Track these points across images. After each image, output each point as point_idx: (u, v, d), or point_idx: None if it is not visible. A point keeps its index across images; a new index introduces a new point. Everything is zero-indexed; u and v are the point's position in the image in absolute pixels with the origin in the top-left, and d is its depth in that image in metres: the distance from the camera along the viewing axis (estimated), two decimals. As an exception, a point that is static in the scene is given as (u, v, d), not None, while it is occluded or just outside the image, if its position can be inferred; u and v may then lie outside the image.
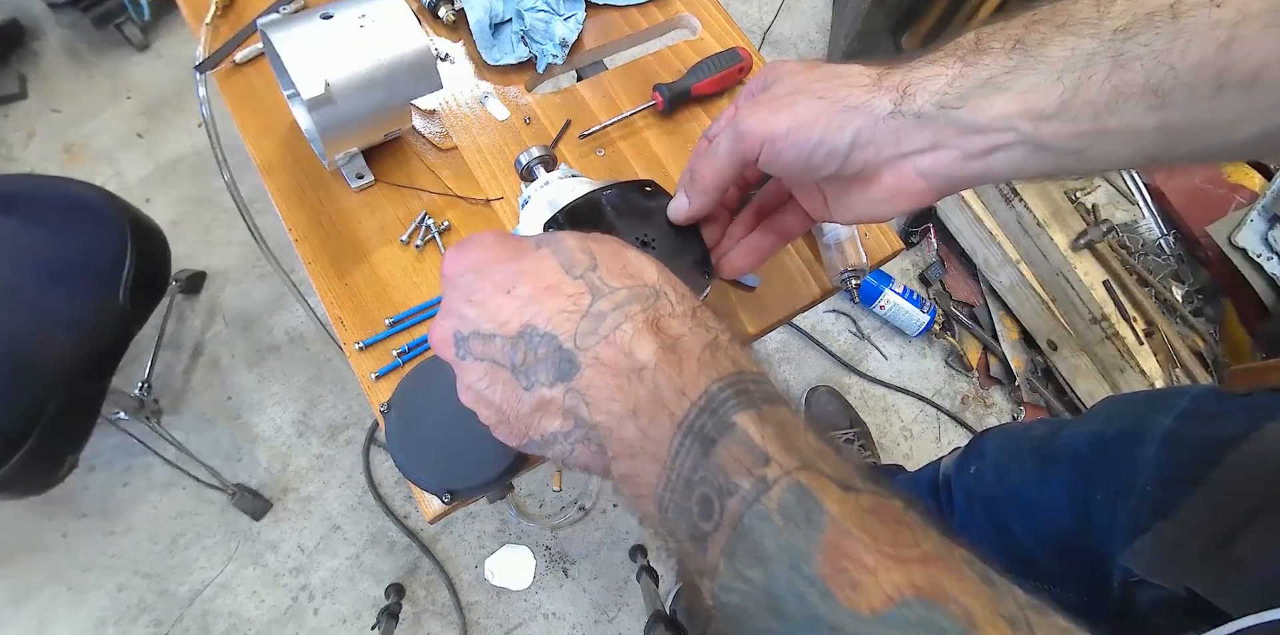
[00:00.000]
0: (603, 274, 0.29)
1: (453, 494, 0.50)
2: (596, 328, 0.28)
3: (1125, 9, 0.29)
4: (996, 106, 0.32)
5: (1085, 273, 1.36)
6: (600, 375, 0.28)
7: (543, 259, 0.30)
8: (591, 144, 0.67)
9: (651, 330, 0.28)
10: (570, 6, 0.71)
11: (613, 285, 0.29)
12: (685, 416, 0.26)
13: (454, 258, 0.32)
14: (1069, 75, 0.30)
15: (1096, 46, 0.30)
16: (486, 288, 0.30)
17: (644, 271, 0.30)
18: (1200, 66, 0.28)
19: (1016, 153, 0.32)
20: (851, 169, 0.36)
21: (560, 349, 0.28)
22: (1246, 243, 1.45)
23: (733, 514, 0.24)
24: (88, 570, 1.24)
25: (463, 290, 0.31)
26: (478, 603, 1.26)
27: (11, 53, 1.59)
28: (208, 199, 1.50)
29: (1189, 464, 0.52)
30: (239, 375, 1.38)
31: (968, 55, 0.33)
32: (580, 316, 0.28)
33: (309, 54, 0.51)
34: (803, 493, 0.23)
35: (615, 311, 0.28)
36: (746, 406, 0.26)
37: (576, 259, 0.30)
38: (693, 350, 0.27)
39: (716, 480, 0.25)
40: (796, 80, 0.38)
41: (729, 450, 0.25)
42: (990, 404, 1.49)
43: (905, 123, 0.34)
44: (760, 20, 1.76)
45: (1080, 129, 0.31)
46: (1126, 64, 0.29)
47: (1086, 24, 0.30)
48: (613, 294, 0.28)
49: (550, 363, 0.29)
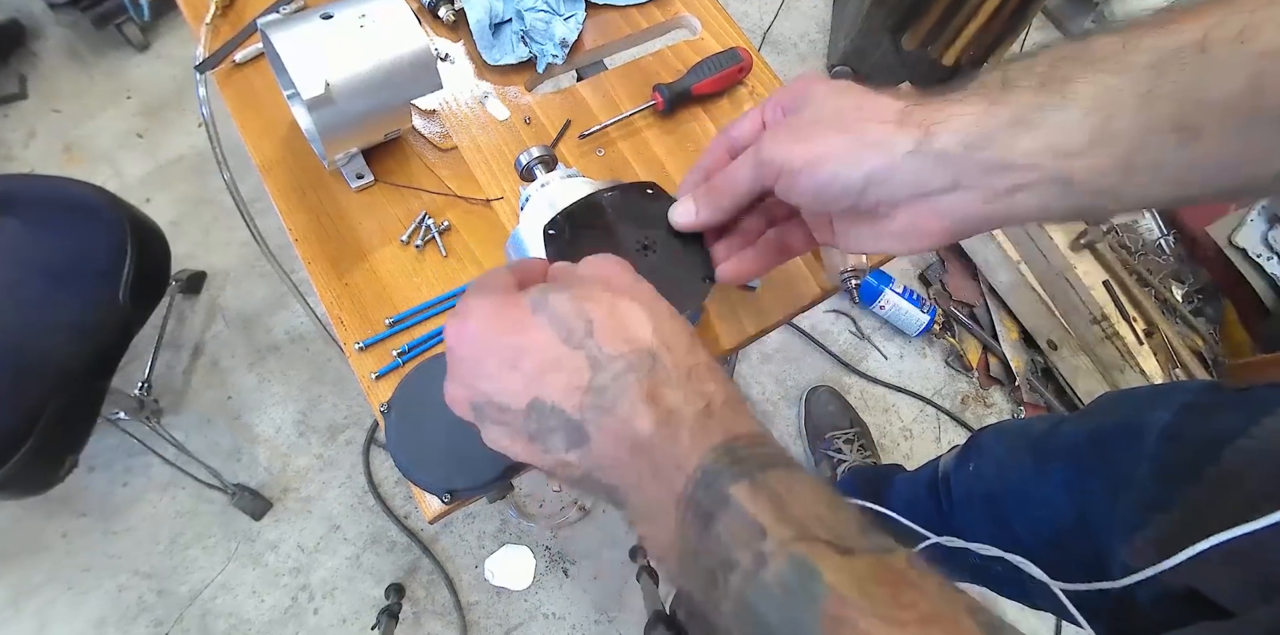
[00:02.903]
0: (599, 340, 0.30)
1: (453, 494, 0.50)
2: (600, 401, 0.29)
3: (1152, 45, 0.29)
4: (1023, 145, 0.31)
5: (1085, 273, 1.36)
6: (608, 446, 0.29)
7: (540, 330, 0.30)
8: (591, 144, 0.67)
9: (648, 402, 0.28)
10: (570, 6, 0.71)
11: (610, 353, 0.29)
12: (684, 491, 0.27)
13: (456, 330, 0.32)
14: (1097, 113, 0.30)
15: (1124, 83, 0.29)
16: (492, 363, 0.31)
17: (639, 333, 0.30)
18: (1229, 101, 0.27)
19: (1043, 191, 0.32)
20: (866, 206, 0.35)
21: (570, 422, 0.29)
22: (1246, 243, 1.45)
23: (736, 589, 0.25)
24: (88, 570, 1.24)
25: (469, 364, 0.32)
26: (478, 603, 1.26)
27: (11, 53, 1.59)
28: (208, 199, 1.50)
29: (1187, 459, 0.52)
30: (239, 375, 1.38)
31: (994, 93, 0.32)
32: (583, 392, 0.29)
33: (309, 54, 0.51)
34: (800, 564, 0.24)
35: (614, 383, 0.29)
36: (739, 477, 0.26)
37: (572, 326, 0.30)
38: (687, 419, 0.28)
39: (719, 554, 0.26)
40: (824, 108, 0.37)
41: (726, 525, 0.26)
42: (990, 404, 1.49)
43: (926, 162, 0.33)
44: (760, 20, 1.76)
45: (1108, 166, 0.30)
46: (1155, 100, 0.29)
47: (1113, 60, 0.30)
48: (610, 364, 0.29)
49: (563, 433, 0.30)
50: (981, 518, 0.76)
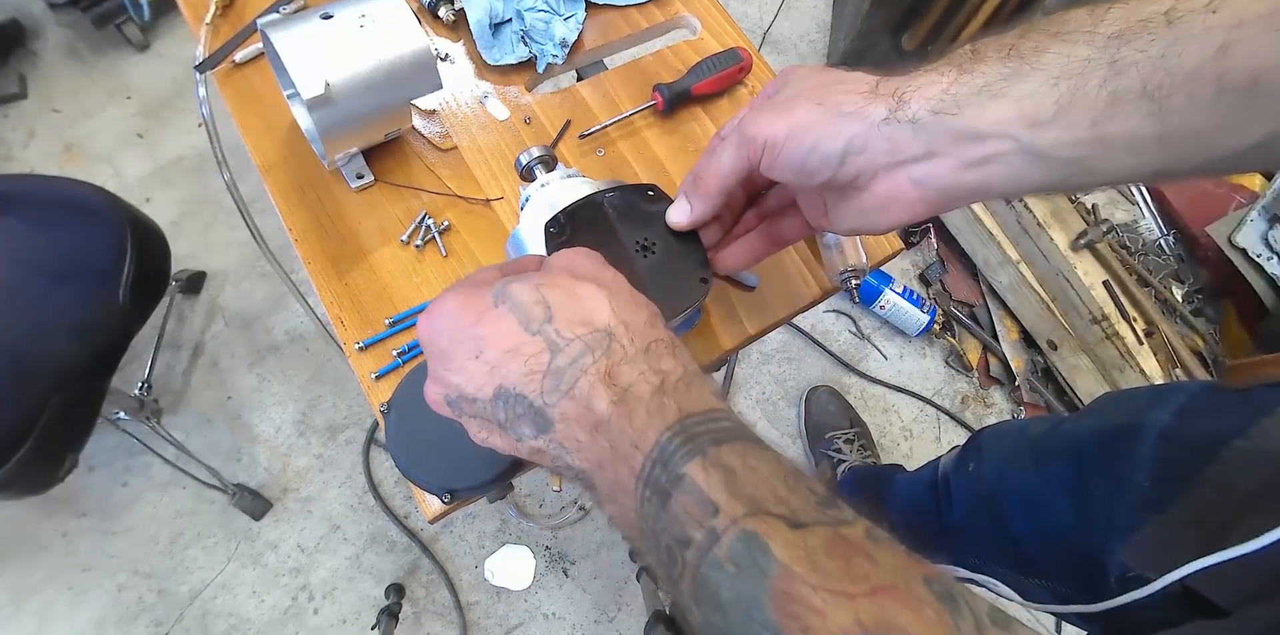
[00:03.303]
0: (558, 325, 0.30)
1: (453, 494, 0.50)
2: (558, 385, 0.29)
3: (1120, 16, 0.29)
4: (992, 113, 0.32)
5: (1085, 273, 1.36)
6: (570, 429, 0.30)
7: (501, 319, 0.31)
8: (591, 144, 0.67)
9: (604, 382, 0.29)
10: (570, 6, 0.71)
11: (567, 337, 0.30)
12: (641, 469, 0.27)
13: (425, 325, 0.33)
14: (1065, 81, 0.30)
15: (1092, 53, 0.30)
16: (459, 356, 0.32)
17: (596, 314, 0.31)
18: (1198, 71, 0.27)
19: (1014, 162, 0.32)
20: (845, 176, 0.36)
21: (533, 407, 0.30)
22: (1246, 243, 1.45)
23: (691, 564, 0.25)
24: (88, 570, 1.24)
25: (439, 358, 0.33)
26: (478, 603, 1.26)
27: (11, 53, 1.59)
28: (208, 199, 1.50)
29: (1186, 459, 0.52)
30: (239, 375, 1.38)
31: (964, 63, 0.33)
32: (542, 376, 0.30)
33: (309, 54, 0.51)
34: (750, 540, 0.24)
35: (572, 366, 0.29)
36: (693, 454, 0.27)
37: (532, 314, 0.31)
38: (642, 398, 0.29)
39: (674, 531, 0.26)
40: (801, 85, 0.38)
41: (681, 503, 0.26)
42: (990, 404, 1.49)
43: (900, 129, 0.34)
44: (760, 20, 1.76)
45: (1078, 136, 0.30)
46: (1123, 70, 0.29)
47: (1081, 31, 0.30)
48: (568, 347, 0.30)
49: (528, 419, 0.30)
50: (981, 518, 0.76)
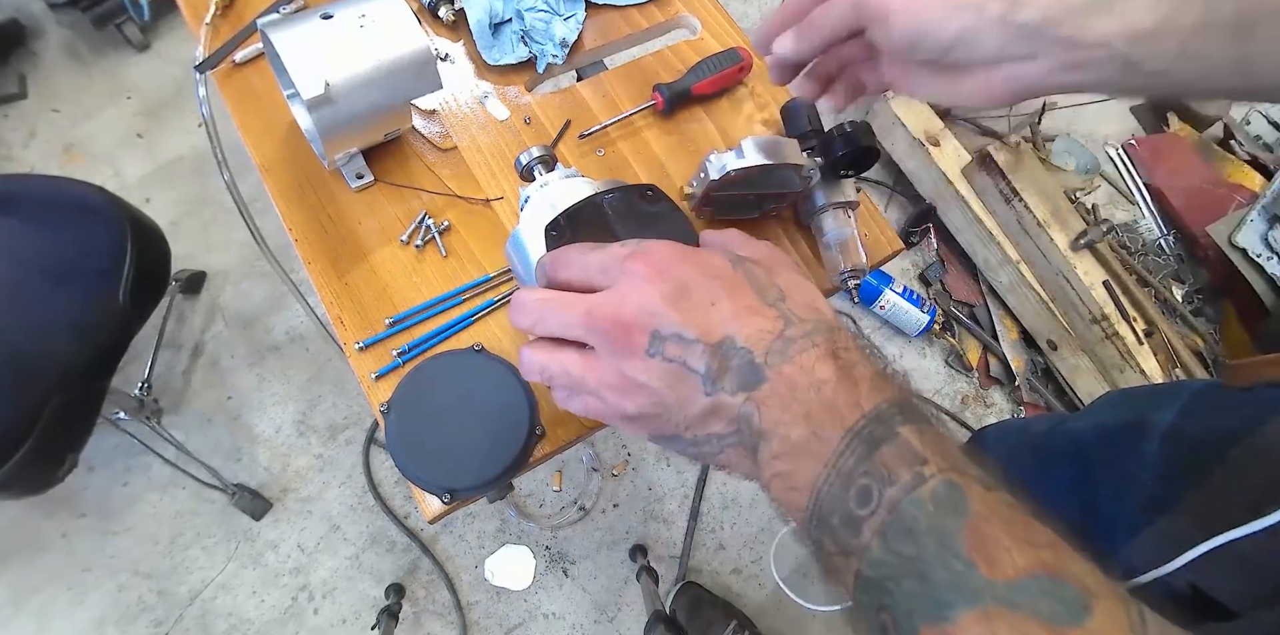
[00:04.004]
0: (791, 306, 0.34)
1: (453, 494, 0.50)
2: (786, 349, 0.32)
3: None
4: (1098, 25, 0.34)
5: (1085, 273, 1.36)
6: (780, 388, 0.32)
7: (741, 284, 0.34)
8: (591, 144, 0.67)
9: (831, 357, 0.32)
10: (570, 6, 0.71)
11: (801, 317, 0.33)
12: (855, 424, 0.30)
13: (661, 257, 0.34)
14: (1167, 3, 0.33)
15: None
16: (699, 297, 0.33)
17: (823, 309, 0.35)
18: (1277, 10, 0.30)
19: (1105, 69, 0.35)
20: (949, 61, 0.38)
21: (752, 363, 0.32)
22: (1246, 243, 1.45)
23: (891, 500, 0.28)
24: (88, 570, 1.24)
25: (669, 295, 0.33)
26: (478, 603, 1.26)
27: (11, 53, 1.59)
28: (208, 199, 1.50)
29: (1191, 459, 0.52)
30: (239, 375, 1.38)
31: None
32: (774, 338, 0.32)
33: (309, 54, 0.51)
34: (953, 487, 0.27)
35: (803, 339, 0.32)
36: (910, 421, 0.30)
37: (766, 288, 0.34)
38: (865, 376, 0.31)
39: (877, 472, 0.29)
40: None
41: (890, 452, 0.29)
42: (990, 404, 1.49)
43: (1009, 30, 0.36)
44: (760, 20, 1.75)
45: (1169, 50, 0.33)
46: None
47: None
48: (801, 324, 0.33)
49: (738, 373, 0.32)
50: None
